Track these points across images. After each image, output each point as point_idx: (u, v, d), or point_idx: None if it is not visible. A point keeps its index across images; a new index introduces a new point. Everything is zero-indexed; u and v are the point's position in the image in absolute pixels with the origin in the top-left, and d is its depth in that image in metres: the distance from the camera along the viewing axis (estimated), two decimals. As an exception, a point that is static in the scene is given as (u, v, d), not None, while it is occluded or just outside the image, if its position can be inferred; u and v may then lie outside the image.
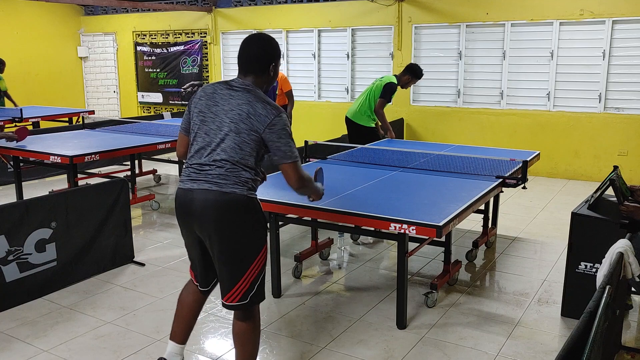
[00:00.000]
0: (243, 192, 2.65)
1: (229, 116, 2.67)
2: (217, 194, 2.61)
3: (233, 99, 2.69)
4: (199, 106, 2.76)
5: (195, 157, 2.72)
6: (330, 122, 9.82)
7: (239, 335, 2.80)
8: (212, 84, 2.81)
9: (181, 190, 2.73)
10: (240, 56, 2.78)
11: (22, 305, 3.99)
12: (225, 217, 2.63)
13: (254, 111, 2.64)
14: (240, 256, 2.69)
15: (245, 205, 2.66)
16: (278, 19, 10.21)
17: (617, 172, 3.42)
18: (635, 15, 7.34)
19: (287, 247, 5.12)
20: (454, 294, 4.21)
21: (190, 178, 2.70)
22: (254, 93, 2.71)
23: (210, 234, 2.66)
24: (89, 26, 12.90)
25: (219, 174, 2.63)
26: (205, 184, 2.64)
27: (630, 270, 2.74)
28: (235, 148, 2.64)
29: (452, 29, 8.67)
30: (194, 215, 2.68)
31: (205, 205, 2.63)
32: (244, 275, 2.69)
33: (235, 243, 2.66)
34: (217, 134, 2.67)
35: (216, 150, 2.66)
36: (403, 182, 4.35)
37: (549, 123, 8.11)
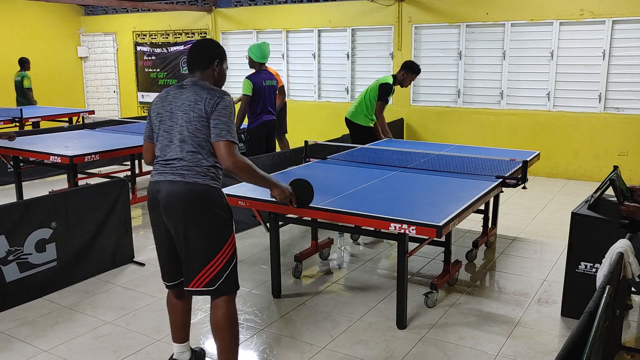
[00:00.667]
0: (205, 182, 2.77)
1: (181, 109, 2.80)
2: (180, 184, 2.75)
3: (183, 94, 2.84)
4: (156, 109, 2.91)
5: (160, 155, 2.87)
6: (330, 122, 9.81)
7: (215, 327, 2.88)
8: (166, 89, 2.97)
9: (150, 184, 2.89)
10: (188, 56, 2.98)
11: (22, 305, 3.99)
12: (188, 207, 2.74)
13: (200, 98, 2.77)
14: (205, 244, 2.79)
15: (208, 195, 2.77)
16: (278, 19, 10.21)
17: (617, 172, 3.42)
18: (635, 15, 7.34)
19: (287, 247, 5.12)
20: (454, 294, 4.21)
21: (157, 172, 2.86)
22: (200, 84, 2.86)
23: (176, 223, 2.78)
24: (89, 26, 12.90)
25: (182, 166, 2.77)
26: (170, 175, 2.78)
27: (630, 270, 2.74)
28: (191, 136, 2.76)
29: (452, 29, 8.67)
30: (160, 205, 2.81)
31: (169, 195, 2.76)
32: (211, 263, 2.79)
33: (199, 231, 2.77)
34: (174, 128, 2.81)
35: (176, 144, 2.79)
36: (403, 182, 4.35)
37: (549, 123, 8.11)
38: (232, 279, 2.88)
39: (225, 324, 2.86)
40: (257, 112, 6.15)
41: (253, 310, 3.93)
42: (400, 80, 6.31)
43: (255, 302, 4.06)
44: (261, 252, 5.05)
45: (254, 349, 3.44)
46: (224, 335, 2.87)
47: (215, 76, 2.96)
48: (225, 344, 2.88)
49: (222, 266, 2.82)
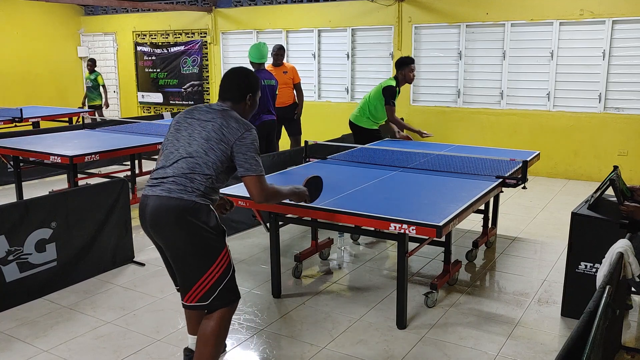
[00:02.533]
0: (191, 198, 2.71)
1: (202, 126, 2.83)
2: (164, 200, 2.71)
3: (209, 114, 2.88)
4: (177, 119, 2.95)
5: (161, 162, 2.86)
6: (330, 122, 9.81)
7: (201, 335, 2.84)
8: (194, 105, 3.03)
9: (142, 197, 2.86)
10: (222, 84, 3.03)
11: (22, 305, 3.99)
12: (172, 222, 2.71)
13: (226, 124, 2.81)
14: (193, 260, 2.75)
15: (192, 211, 2.71)
16: (278, 19, 10.21)
17: (617, 172, 3.41)
18: (635, 15, 7.34)
19: (287, 247, 5.12)
20: (454, 294, 4.21)
21: (149, 184, 2.82)
22: (229, 112, 2.90)
23: (162, 239, 2.78)
24: (89, 26, 12.90)
25: (175, 180, 2.74)
26: (158, 189, 2.75)
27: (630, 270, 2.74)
28: (200, 152, 2.77)
29: (452, 29, 8.67)
30: (146, 220, 2.79)
31: (154, 211, 2.74)
32: (202, 278, 2.75)
33: (184, 247, 2.74)
34: (186, 139, 2.82)
35: (182, 154, 2.79)
36: (403, 182, 4.35)
37: (549, 123, 8.11)
38: (227, 293, 2.83)
39: (210, 336, 2.81)
40: (257, 112, 6.15)
41: (253, 310, 3.93)
42: (402, 79, 6.23)
43: (255, 302, 4.06)
44: (261, 252, 5.05)
45: (254, 349, 3.44)
46: (207, 346, 2.81)
47: (247, 109, 3.05)
48: (206, 355, 2.82)
49: (214, 281, 2.76)
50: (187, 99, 11.61)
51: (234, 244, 5.29)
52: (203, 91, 11.41)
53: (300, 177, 4.60)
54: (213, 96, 11.24)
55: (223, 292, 2.80)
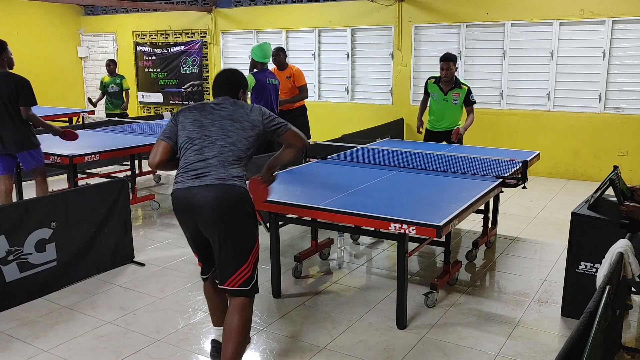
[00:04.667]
0: (242, 185, 2.93)
1: (228, 118, 3.01)
2: (219, 188, 2.84)
3: (225, 107, 3.07)
4: (191, 117, 3.05)
5: (196, 156, 2.93)
6: (330, 122, 9.81)
7: (229, 329, 2.91)
8: (197, 103, 3.19)
9: (180, 190, 2.92)
10: (216, 84, 3.22)
11: (22, 305, 3.99)
12: (229, 209, 2.85)
13: (250, 111, 3.07)
14: (243, 244, 2.94)
15: (245, 198, 2.94)
16: (278, 19, 10.21)
17: (617, 172, 3.41)
18: (635, 15, 7.34)
19: (287, 247, 5.12)
20: (454, 294, 4.21)
21: (190, 177, 2.90)
22: (239, 102, 3.14)
23: (213, 227, 2.86)
24: (89, 26, 12.90)
25: (221, 168, 2.88)
26: (207, 179, 2.86)
27: (630, 270, 2.74)
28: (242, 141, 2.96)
29: (452, 29, 8.66)
30: (195, 211, 2.87)
31: (208, 200, 2.82)
32: (247, 261, 2.94)
33: (238, 233, 2.90)
34: (219, 132, 2.96)
35: (223, 146, 2.93)
36: (403, 182, 4.35)
37: (549, 123, 8.11)
38: (256, 280, 3.04)
39: (241, 329, 2.92)
40: None
41: (253, 310, 3.92)
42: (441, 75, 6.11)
43: (255, 302, 4.03)
44: (261, 252, 5.03)
45: (254, 349, 3.44)
46: (237, 338, 2.90)
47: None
48: (235, 346, 2.90)
49: (253, 265, 2.97)
50: (187, 99, 11.61)
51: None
52: (203, 91, 11.40)
53: (300, 176, 4.62)
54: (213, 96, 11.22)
55: (256, 278, 3.02)
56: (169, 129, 3.09)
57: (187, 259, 4.90)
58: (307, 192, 4.07)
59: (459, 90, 6.17)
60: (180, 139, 3.02)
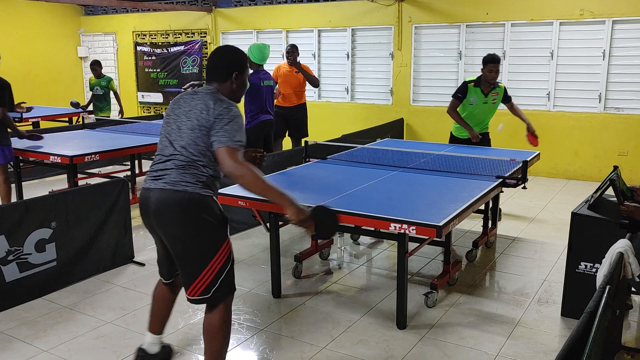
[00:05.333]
0: (195, 190, 2.73)
1: (186, 115, 2.81)
2: (169, 193, 2.72)
3: (193, 100, 2.84)
4: (168, 112, 2.94)
5: (158, 157, 2.87)
6: (330, 122, 9.81)
7: (207, 330, 2.87)
8: (182, 93, 2.98)
9: (142, 190, 2.87)
10: (208, 64, 2.98)
11: (22, 305, 3.99)
12: (177, 215, 2.72)
13: (206, 107, 2.76)
14: (197, 253, 2.76)
15: (197, 204, 2.73)
16: (278, 19, 10.21)
17: (617, 172, 3.41)
18: (635, 15, 7.34)
19: (287, 247, 5.12)
20: (454, 294, 4.21)
21: (150, 177, 2.84)
22: (213, 94, 2.83)
23: (165, 232, 2.79)
24: (89, 26, 12.90)
25: (175, 172, 2.74)
26: (161, 182, 2.76)
27: (630, 270, 2.74)
28: (191, 144, 2.75)
29: (452, 29, 8.66)
30: (150, 213, 2.80)
31: (158, 204, 2.75)
32: (204, 271, 2.76)
33: (189, 240, 2.74)
34: (176, 133, 2.81)
35: (175, 148, 2.78)
36: (403, 182, 4.35)
37: (549, 123, 8.10)
38: (227, 285, 2.84)
39: (218, 329, 2.84)
40: (255, 112, 6.14)
41: (253, 310, 3.93)
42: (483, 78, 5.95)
43: (255, 302, 4.06)
44: (261, 252, 5.05)
45: (254, 349, 3.44)
46: (216, 340, 2.85)
47: (234, 88, 2.92)
48: (215, 347, 2.85)
49: (215, 273, 2.78)
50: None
51: (234, 244, 5.27)
52: (203, 91, 11.39)
53: (300, 177, 4.62)
54: (213, 96, 11.23)
55: (224, 283, 2.82)
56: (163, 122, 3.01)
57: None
58: (307, 192, 4.06)
59: (498, 90, 6.14)
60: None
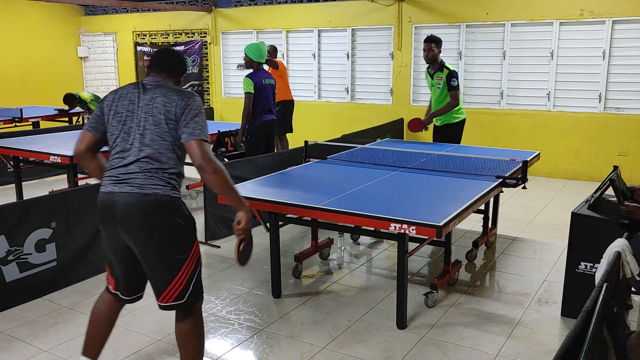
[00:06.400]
0: (166, 193, 2.62)
1: (144, 110, 2.65)
2: (138, 197, 2.58)
3: (147, 94, 2.69)
4: (114, 108, 2.71)
5: (117, 159, 2.67)
6: (330, 122, 9.82)
7: (181, 336, 2.79)
8: (124, 86, 2.79)
9: (102, 194, 2.66)
10: (157, 58, 2.86)
11: (22, 305, 3.99)
12: (149, 220, 2.59)
13: (168, 100, 2.65)
14: (170, 257, 2.66)
15: (168, 207, 2.63)
16: (278, 19, 10.21)
17: (617, 172, 3.41)
18: (635, 15, 7.34)
19: (287, 247, 5.12)
20: (454, 294, 4.21)
21: (112, 181, 2.64)
22: (167, 86, 2.73)
23: (136, 238, 2.62)
24: (89, 26, 12.90)
25: (142, 175, 2.60)
26: (127, 186, 2.59)
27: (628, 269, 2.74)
28: (157, 140, 2.62)
29: (452, 29, 8.66)
30: (117, 220, 2.62)
31: (127, 210, 2.58)
32: (177, 275, 2.68)
33: (162, 245, 2.63)
34: (137, 131, 2.65)
35: (138, 147, 2.63)
36: (403, 182, 4.35)
37: (549, 123, 8.11)
38: (198, 288, 2.79)
39: (192, 335, 2.78)
40: (258, 112, 6.13)
41: (253, 310, 3.93)
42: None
43: (255, 302, 4.06)
44: (261, 252, 5.05)
45: (254, 349, 3.44)
46: (190, 346, 2.79)
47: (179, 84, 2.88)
48: (190, 353, 2.80)
49: (188, 277, 2.71)
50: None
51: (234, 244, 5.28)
52: (203, 91, 11.40)
53: (300, 177, 4.62)
54: (213, 96, 11.24)
55: (196, 286, 2.77)
56: (95, 119, 2.75)
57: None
58: (307, 192, 4.07)
59: (441, 74, 6.12)
60: (109, 138, 2.72)
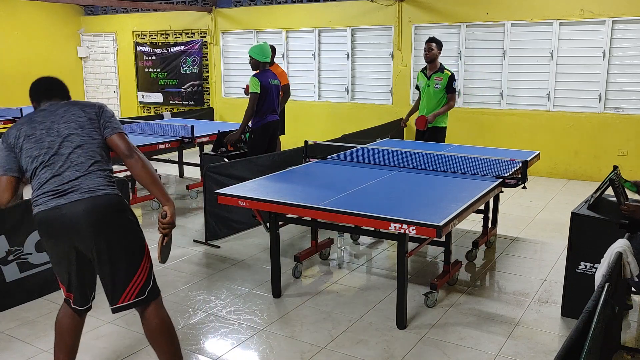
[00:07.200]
0: (114, 192, 2.65)
1: (63, 120, 2.67)
2: (89, 201, 2.56)
3: (56, 109, 2.72)
4: (22, 135, 2.65)
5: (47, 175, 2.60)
6: (330, 122, 9.82)
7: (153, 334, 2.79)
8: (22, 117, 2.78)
9: (44, 211, 2.57)
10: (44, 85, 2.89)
11: (22, 305, 3.99)
12: (106, 222, 2.59)
13: (83, 106, 2.76)
14: (130, 255, 2.68)
15: (120, 205, 2.67)
16: (278, 19, 10.21)
17: (616, 172, 3.42)
18: (635, 15, 7.34)
19: (287, 247, 5.12)
20: (454, 294, 4.21)
21: (52, 196, 2.57)
22: (71, 102, 2.81)
23: (94, 242, 2.59)
24: (89, 26, 12.90)
25: (85, 179, 2.59)
26: (75, 194, 2.56)
27: (629, 269, 2.74)
28: (87, 140, 2.66)
29: (452, 29, 8.67)
30: (71, 231, 2.57)
31: (82, 217, 2.55)
32: (138, 272, 2.70)
33: (121, 243, 2.64)
34: (61, 140, 2.62)
35: (69, 156, 2.61)
36: (403, 182, 4.35)
37: (549, 123, 8.11)
38: (155, 283, 2.81)
39: (164, 330, 2.79)
40: (263, 112, 6.11)
41: (253, 310, 3.93)
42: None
43: (255, 302, 4.06)
44: (261, 252, 5.05)
45: (254, 349, 3.44)
46: (165, 342, 2.79)
47: None
48: (169, 350, 2.80)
49: (147, 271, 2.74)
50: (187, 99, 11.61)
51: (234, 244, 5.30)
52: (203, 91, 11.41)
53: (300, 177, 4.62)
54: (213, 96, 11.24)
55: (154, 280, 2.80)
56: (4, 159, 2.64)
57: (187, 259, 4.90)
58: (307, 192, 4.07)
59: (442, 75, 6.28)
60: (24, 163, 2.63)
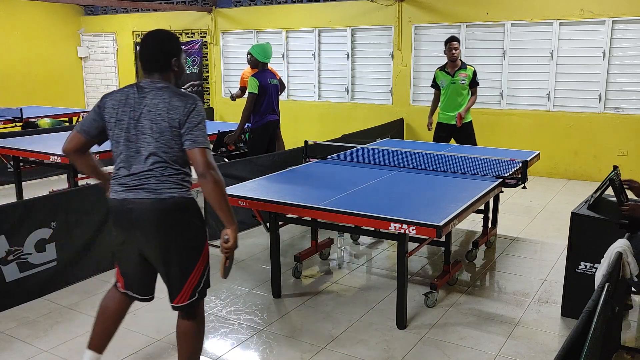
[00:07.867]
0: (182, 195, 2.65)
1: (147, 118, 2.61)
2: (155, 202, 2.60)
3: (147, 99, 2.63)
4: (115, 115, 2.66)
5: (124, 168, 2.67)
6: (330, 122, 9.81)
7: (185, 334, 2.79)
8: (121, 90, 2.73)
9: (116, 200, 2.68)
10: (141, 56, 2.74)
11: (22, 305, 3.99)
12: (168, 223, 2.62)
13: (170, 106, 2.60)
14: (188, 257, 2.70)
15: (185, 208, 2.67)
16: (278, 19, 10.21)
17: (616, 172, 3.42)
18: (635, 15, 7.34)
19: (287, 247, 5.12)
20: (454, 294, 4.21)
21: (124, 188, 2.66)
22: (166, 89, 2.66)
23: (155, 242, 2.65)
24: (89, 26, 12.90)
25: (155, 180, 2.61)
26: (142, 192, 2.61)
27: (629, 269, 2.74)
28: (162, 148, 2.61)
29: (452, 29, 8.66)
30: (135, 226, 2.65)
31: (146, 215, 2.61)
32: (192, 274, 2.71)
33: (181, 246, 2.67)
34: (141, 138, 2.62)
35: (145, 155, 2.62)
36: (403, 182, 4.35)
37: (549, 123, 8.11)
38: (207, 283, 2.81)
39: (195, 333, 2.80)
40: (262, 112, 6.11)
41: (253, 310, 3.93)
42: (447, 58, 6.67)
43: (255, 302, 4.06)
44: (261, 252, 5.05)
45: (254, 349, 3.44)
46: (191, 344, 2.79)
47: (176, 75, 2.77)
48: (191, 349, 2.81)
49: (200, 274, 2.75)
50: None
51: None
52: (203, 91, 11.40)
53: (300, 177, 4.61)
54: (213, 96, 11.24)
55: (205, 282, 2.80)
56: (89, 122, 2.71)
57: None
58: (307, 192, 4.07)
59: (466, 71, 6.55)
60: (110, 140, 2.71)
